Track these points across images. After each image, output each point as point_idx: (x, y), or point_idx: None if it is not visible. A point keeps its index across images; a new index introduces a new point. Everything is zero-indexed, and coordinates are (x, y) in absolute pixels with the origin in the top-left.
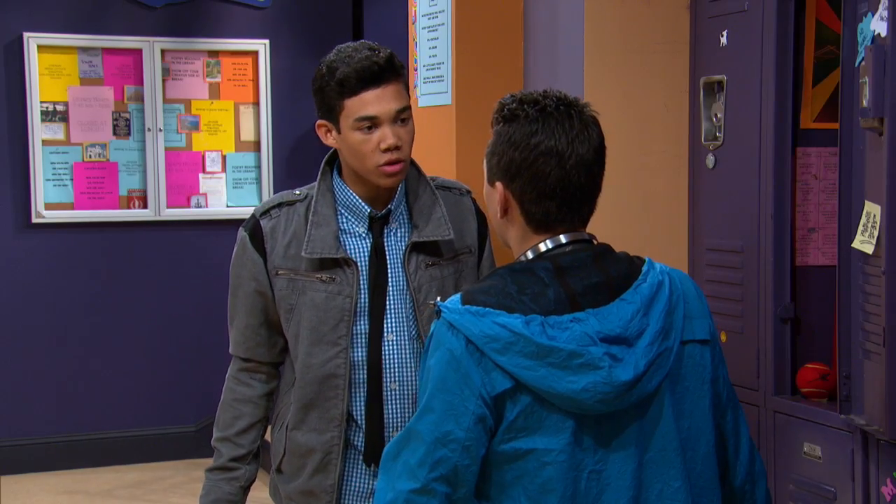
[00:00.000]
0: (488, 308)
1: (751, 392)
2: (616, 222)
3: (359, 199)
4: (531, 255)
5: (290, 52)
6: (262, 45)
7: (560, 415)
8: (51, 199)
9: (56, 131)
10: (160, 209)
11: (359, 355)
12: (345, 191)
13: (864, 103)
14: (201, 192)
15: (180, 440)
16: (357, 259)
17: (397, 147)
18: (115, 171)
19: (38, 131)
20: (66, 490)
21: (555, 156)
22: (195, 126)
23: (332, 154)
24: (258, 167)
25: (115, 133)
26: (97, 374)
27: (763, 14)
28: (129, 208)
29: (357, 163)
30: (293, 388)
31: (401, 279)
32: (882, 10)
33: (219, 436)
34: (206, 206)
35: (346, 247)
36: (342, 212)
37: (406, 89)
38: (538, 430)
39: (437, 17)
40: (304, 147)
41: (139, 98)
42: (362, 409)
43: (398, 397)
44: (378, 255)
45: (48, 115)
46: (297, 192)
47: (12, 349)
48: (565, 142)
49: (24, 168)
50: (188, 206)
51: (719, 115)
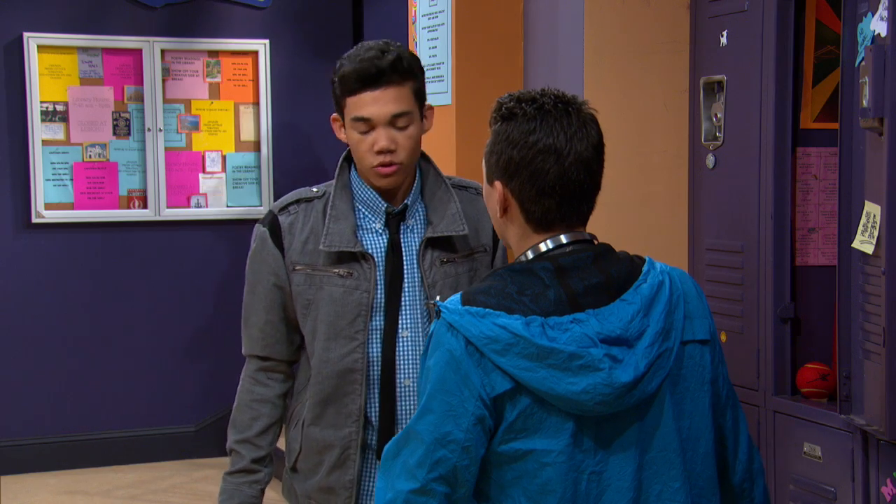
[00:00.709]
0: (488, 309)
1: (751, 392)
2: (616, 222)
3: (375, 195)
4: (531, 255)
5: (290, 52)
6: (262, 45)
7: (560, 416)
8: (51, 199)
9: (56, 131)
10: (160, 209)
11: (374, 351)
12: (362, 186)
13: (864, 103)
14: (201, 192)
15: (180, 440)
16: (374, 254)
17: (390, 150)
18: (115, 171)
19: (38, 131)
20: (66, 490)
21: (553, 153)
22: (195, 126)
23: (350, 150)
24: (258, 167)
25: (115, 133)
26: (97, 374)
27: (763, 14)
28: (129, 208)
29: (356, 160)
30: (309, 384)
31: (416, 275)
32: (882, 10)
33: (238, 438)
34: (206, 206)
35: (363, 242)
36: (359, 208)
37: (415, 93)
38: (538, 431)
39: (437, 17)
40: (304, 147)
41: (139, 98)
42: (377, 405)
43: (411, 394)
44: (394, 251)
45: (48, 115)
46: (314, 189)
47: (12, 349)
48: (563, 139)
49: (24, 168)
50: (188, 206)
51: (719, 115)
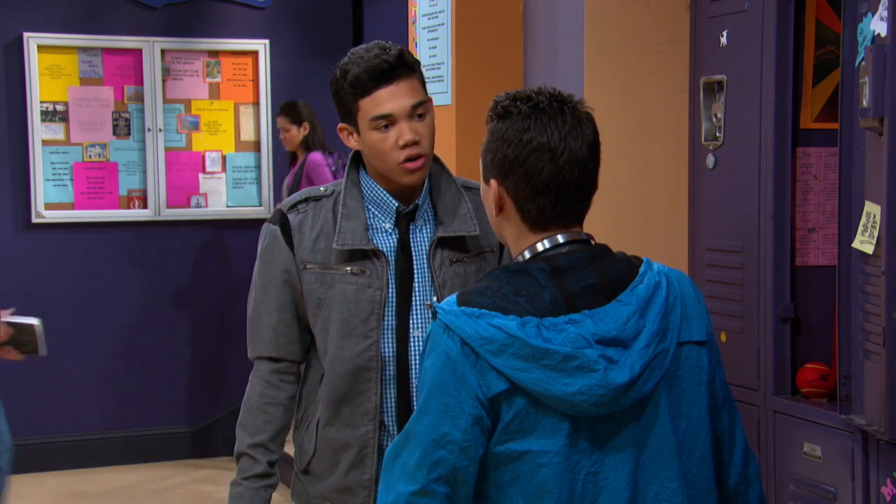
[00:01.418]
0: (484, 309)
1: (751, 392)
2: (615, 222)
3: (386, 194)
4: (528, 255)
5: (290, 52)
6: (262, 45)
7: (555, 417)
8: (51, 199)
9: (56, 131)
10: (160, 209)
11: (387, 350)
12: (372, 186)
13: (864, 103)
14: (201, 192)
15: (180, 440)
16: (386, 253)
17: (416, 142)
18: (115, 171)
19: (38, 131)
20: (66, 490)
21: (547, 151)
22: (195, 126)
23: (358, 151)
24: (258, 167)
25: (115, 133)
26: (97, 374)
27: (763, 14)
28: (128, 208)
29: (379, 162)
30: (321, 385)
31: (426, 275)
32: (882, 10)
33: (251, 442)
34: (206, 206)
35: (374, 241)
36: (369, 207)
37: (422, 84)
38: (534, 431)
39: (437, 17)
40: None
41: (139, 98)
42: (392, 405)
43: None
44: (404, 250)
45: (48, 115)
46: (322, 188)
47: None
48: (558, 138)
49: (24, 168)
50: (188, 206)
51: (719, 115)
